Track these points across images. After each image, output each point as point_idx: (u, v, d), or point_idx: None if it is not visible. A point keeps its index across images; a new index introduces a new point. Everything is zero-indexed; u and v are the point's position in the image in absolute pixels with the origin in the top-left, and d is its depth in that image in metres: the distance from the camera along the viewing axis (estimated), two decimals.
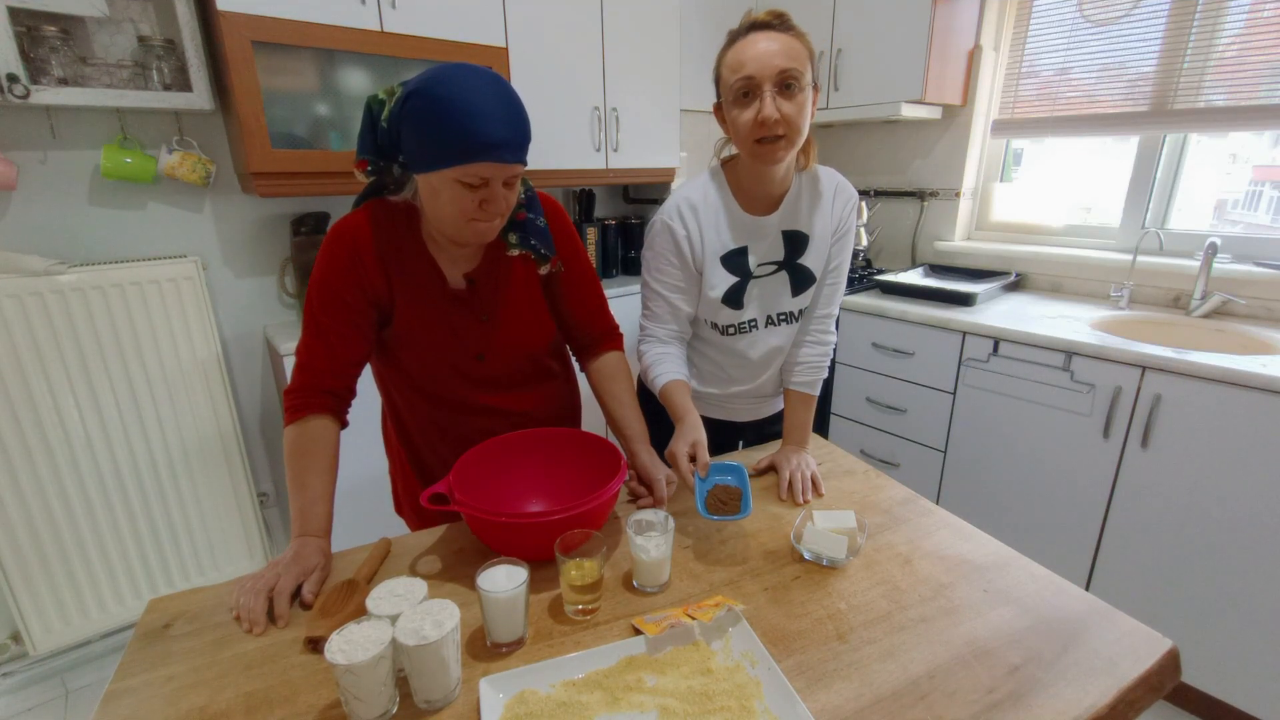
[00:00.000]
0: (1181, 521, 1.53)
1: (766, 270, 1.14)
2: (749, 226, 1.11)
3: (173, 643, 0.75)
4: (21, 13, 1.43)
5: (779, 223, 1.12)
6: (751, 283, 1.14)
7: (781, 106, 0.96)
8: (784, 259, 1.14)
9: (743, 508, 0.87)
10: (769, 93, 0.95)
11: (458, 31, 1.88)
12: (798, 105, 0.96)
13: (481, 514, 0.81)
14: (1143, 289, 2.03)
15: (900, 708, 0.64)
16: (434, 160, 0.83)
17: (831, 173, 1.15)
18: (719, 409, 1.30)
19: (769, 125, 0.96)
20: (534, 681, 0.67)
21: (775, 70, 0.94)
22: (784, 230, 1.13)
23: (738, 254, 1.12)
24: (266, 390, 2.09)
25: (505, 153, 0.82)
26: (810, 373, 1.21)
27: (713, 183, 1.12)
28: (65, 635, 1.75)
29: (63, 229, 1.70)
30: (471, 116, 0.79)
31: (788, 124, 0.97)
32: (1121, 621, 0.76)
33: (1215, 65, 1.86)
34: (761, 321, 1.18)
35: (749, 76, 0.96)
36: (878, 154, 2.69)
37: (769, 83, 0.95)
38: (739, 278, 1.13)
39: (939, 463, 2.03)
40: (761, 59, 0.95)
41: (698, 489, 0.90)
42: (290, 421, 0.91)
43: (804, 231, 1.13)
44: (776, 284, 1.15)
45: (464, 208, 0.85)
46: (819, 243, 1.14)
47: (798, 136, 0.99)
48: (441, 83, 0.80)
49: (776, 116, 0.96)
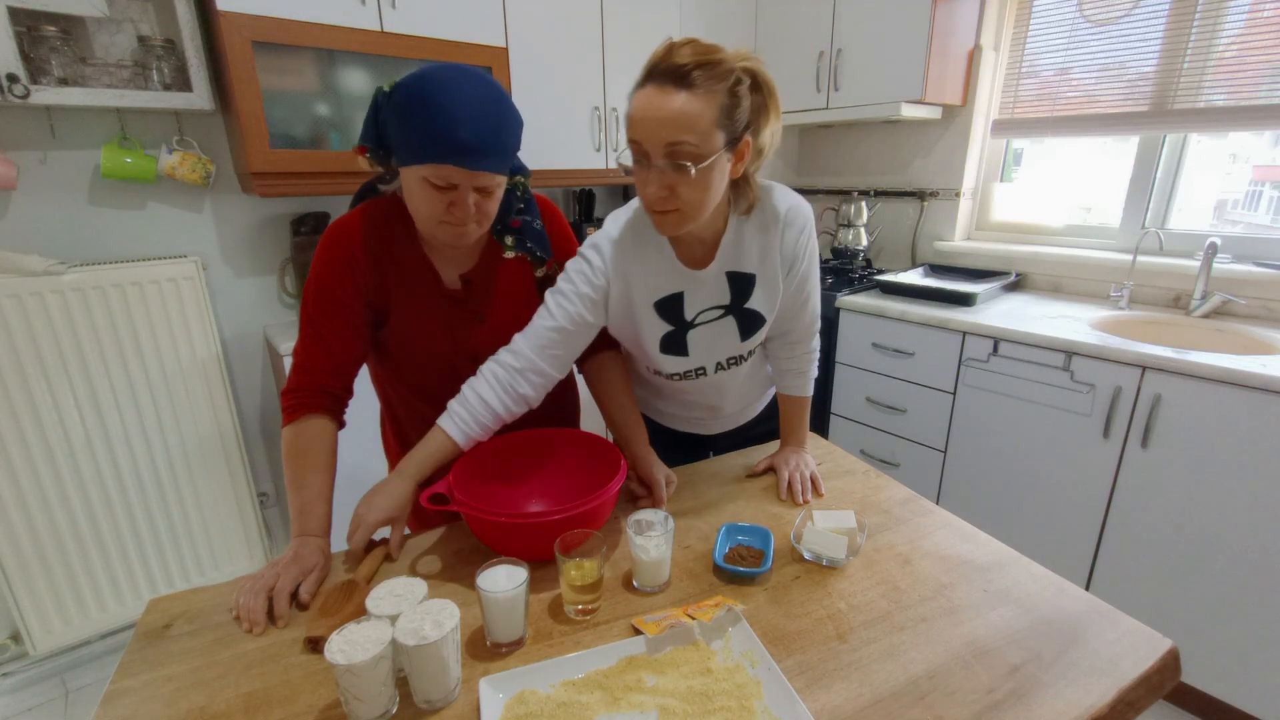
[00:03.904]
0: (1181, 521, 1.53)
1: (711, 315, 1.02)
2: (683, 275, 0.99)
3: (173, 643, 0.75)
4: (21, 13, 1.43)
5: (720, 266, 0.99)
6: (692, 331, 1.02)
7: (671, 181, 0.82)
8: (730, 303, 1.01)
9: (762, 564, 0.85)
10: (656, 166, 0.81)
11: (458, 31, 1.88)
12: (694, 182, 0.81)
13: (481, 514, 0.81)
14: (1143, 289, 2.03)
15: (900, 708, 0.64)
16: (407, 156, 0.83)
17: (782, 197, 0.98)
18: (687, 424, 1.27)
19: (655, 203, 0.85)
20: (534, 681, 0.67)
21: (662, 142, 0.79)
22: (728, 271, 0.99)
23: (671, 300, 1.00)
24: (266, 390, 2.09)
25: (473, 159, 0.81)
26: (796, 377, 1.14)
27: (645, 222, 0.97)
28: (65, 635, 1.75)
29: (63, 229, 1.70)
30: (443, 117, 0.79)
31: (680, 200, 0.83)
32: (1121, 621, 0.76)
33: (1215, 65, 1.86)
34: (711, 368, 1.08)
35: (635, 141, 0.82)
36: (878, 154, 2.69)
37: (657, 155, 0.81)
38: (674, 326, 1.02)
39: (939, 463, 2.03)
40: (648, 125, 0.80)
41: (718, 545, 0.89)
42: (288, 421, 0.92)
43: (750, 272, 1.00)
44: (723, 329, 1.03)
45: (433, 209, 0.86)
46: (766, 283, 1.01)
47: (696, 210, 0.85)
48: (425, 80, 0.81)
49: (662, 195, 0.83)
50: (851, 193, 2.67)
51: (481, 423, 0.94)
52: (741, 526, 0.93)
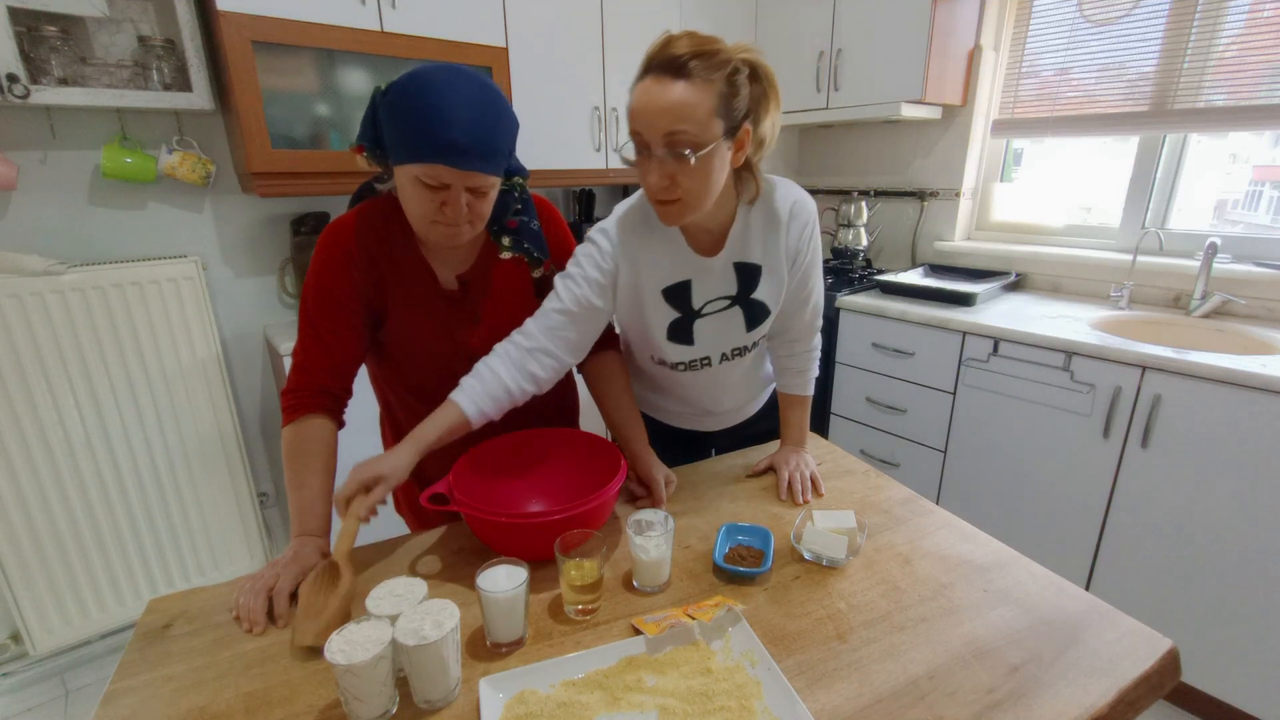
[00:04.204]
0: (1181, 521, 1.53)
1: (718, 306, 1.03)
2: (691, 262, 1.00)
3: (173, 643, 0.75)
4: (21, 13, 1.43)
5: (729, 256, 1.01)
6: (699, 320, 1.04)
7: (671, 170, 0.83)
8: (737, 294, 1.03)
9: (762, 564, 0.85)
10: (657, 156, 0.83)
11: (458, 31, 1.88)
12: (694, 170, 0.83)
13: (481, 514, 0.81)
14: (1143, 289, 2.03)
15: (900, 708, 0.64)
16: (399, 155, 0.83)
17: (787, 191, 1.01)
18: (688, 421, 1.27)
19: (657, 192, 0.87)
20: (534, 681, 0.67)
21: (661, 132, 0.81)
22: (735, 262, 1.01)
23: (679, 288, 1.01)
24: (266, 390, 2.09)
25: (464, 159, 0.81)
26: (797, 375, 1.15)
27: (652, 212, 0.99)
28: (65, 635, 1.75)
29: (63, 229, 1.70)
30: (435, 117, 0.79)
31: (681, 190, 0.85)
32: (1121, 621, 0.76)
33: (1215, 65, 1.86)
34: (716, 358, 1.09)
35: (636, 132, 0.84)
36: (878, 154, 2.69)
37: (657, 144, 0.83)
38: (681, 313, 1.03)
39: (939, 463, 2.03)
40: (648, 115, 0.82)
41: (718, 545, 0.89)
42: (288, 421, 0.92)
43: (756, 263, 1.02)
44: (729, 320, 1.05)
45: (425, 209, 0.85)
46: (771, 275, 1.03)
47: (697, 200, 0.87)
48: (418, 80, 0.81)
49: (664, 184, 0.85)
50: (851, 193, 2.67)
51: (493, 395, 0.92)
52: (741, 526, 0.93)
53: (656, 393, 1.24)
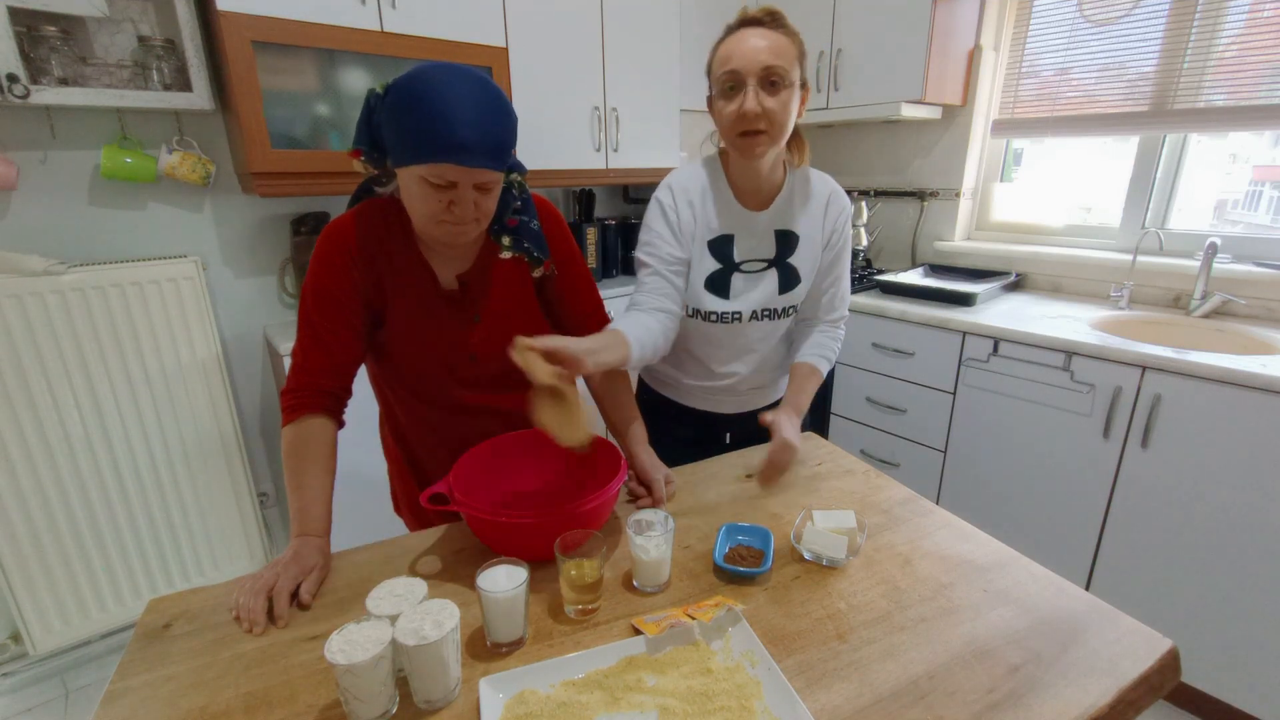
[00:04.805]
0: (1181, 521, 1.53)
1: (756, 266, 1.15)
2: (738, 216, 1.13)
3: (173, 643, 0.75)
4: (21, 13, 1.42)
5: (771, 221, 1.14)
6: (736, 274, 1.15)
7: (764, 101, 0.97)
8: (774, 257, 1.15)
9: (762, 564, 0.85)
10: (752, 87, 0.97)
11: (458, 31, 1.88)
12: (781, 101, 0.98)
13: (481, 514, 0.81)
14: (1143, 289, 2.03)
15: (900, 708, 0.64)
16: (403, 156, 0.83)
17: (826, 179, 1.17)
18: (704, 400, 1.29)
19: (749, 119, 0.98)
20: (534, 681, 0.67)
21: (760, 66, 0.96)
22: (776, 229, 1.15)
23: (723, 241, 1.13)
24: (266, 390, 2.09)
25: (471, 156, 0.81)
26: (819, 350, 1.19)
27: (704, 169, 1.14)
28: (65, 635, 1.75)
29: (63, 229, 1.70)
30: (440, 116, 0.79)
31: (769, 119, 0.98)
32: (1121, 621, 0.76)
33: (1215, 65, 1.86)
34: (746, 315, 1.17)
35: (734, 70, 0.98)
36: (878, 154, 2.69)
37: (753, 78, 0.97)
38: (722, 265, 1.14)
39: (939, 463, 2.03)
40: (747, 55, 0.97)
41: (718, 545, 0.89)
42: (288, 421, 0.92)
43: (795, 231, 1.15)
44: (765, 280, 1.16)
45: (432, 208, 0.85)
46: (808, 244, 1.16)
47: (780, 132, 1.01)
48: (419, 79, 0.81)
49: (758, 110, 0.97)
50: (851, 193, 2.67)
51: (650, 335, 1.03)
52: (741, 526, 0.93)
53: (679, 364, 1.26)
